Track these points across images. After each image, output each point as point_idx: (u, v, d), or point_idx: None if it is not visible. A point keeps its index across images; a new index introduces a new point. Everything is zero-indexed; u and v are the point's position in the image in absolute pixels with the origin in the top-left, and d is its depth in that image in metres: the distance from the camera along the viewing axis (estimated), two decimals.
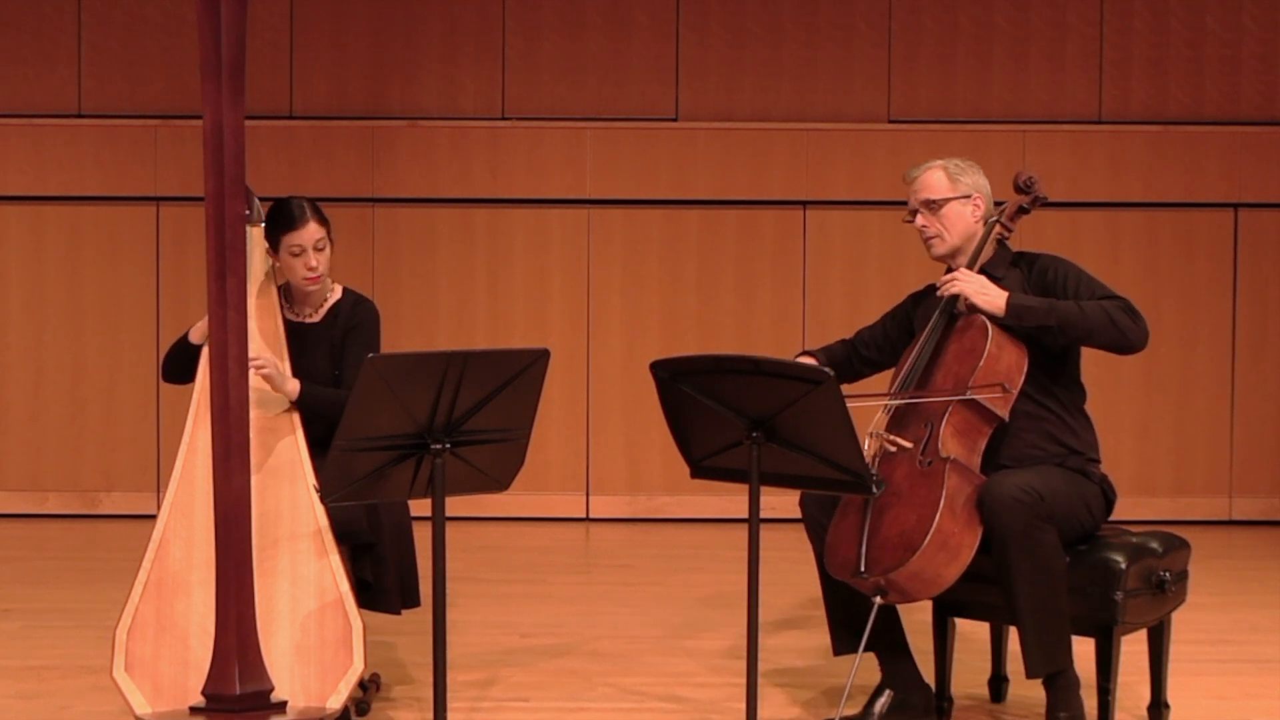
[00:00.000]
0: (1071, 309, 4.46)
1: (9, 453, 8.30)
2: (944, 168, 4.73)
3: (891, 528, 4.31)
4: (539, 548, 7.67)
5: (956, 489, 4.30)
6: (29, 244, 8.28)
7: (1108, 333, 4.46)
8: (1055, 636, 4.34)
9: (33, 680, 5.15)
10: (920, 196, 4.70)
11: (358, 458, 4.13)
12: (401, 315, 7.92)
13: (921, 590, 4.35)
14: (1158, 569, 4.53)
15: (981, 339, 4.47)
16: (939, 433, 4.39)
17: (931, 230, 4.68)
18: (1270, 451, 8.36)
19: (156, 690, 4.11)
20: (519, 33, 8.32)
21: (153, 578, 4.27)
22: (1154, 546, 4.53)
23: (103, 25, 8.28)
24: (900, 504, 4.34)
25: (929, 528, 4.22)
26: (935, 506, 4.25)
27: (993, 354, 4.44)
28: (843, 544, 4.41)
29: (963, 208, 4.67)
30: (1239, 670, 5.41)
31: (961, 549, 4.28)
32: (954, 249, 4.68)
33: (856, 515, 4.39)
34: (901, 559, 4.24)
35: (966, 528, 4.29)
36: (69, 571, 6.94)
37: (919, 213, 4.69)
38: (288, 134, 8.20)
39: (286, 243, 4.79)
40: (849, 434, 4.01)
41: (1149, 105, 8.33)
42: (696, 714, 4.85)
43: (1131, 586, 4.43)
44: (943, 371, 4.51)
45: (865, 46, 8.33)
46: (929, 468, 4.35)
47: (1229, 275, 8.32)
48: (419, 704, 4.87)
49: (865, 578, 4.28)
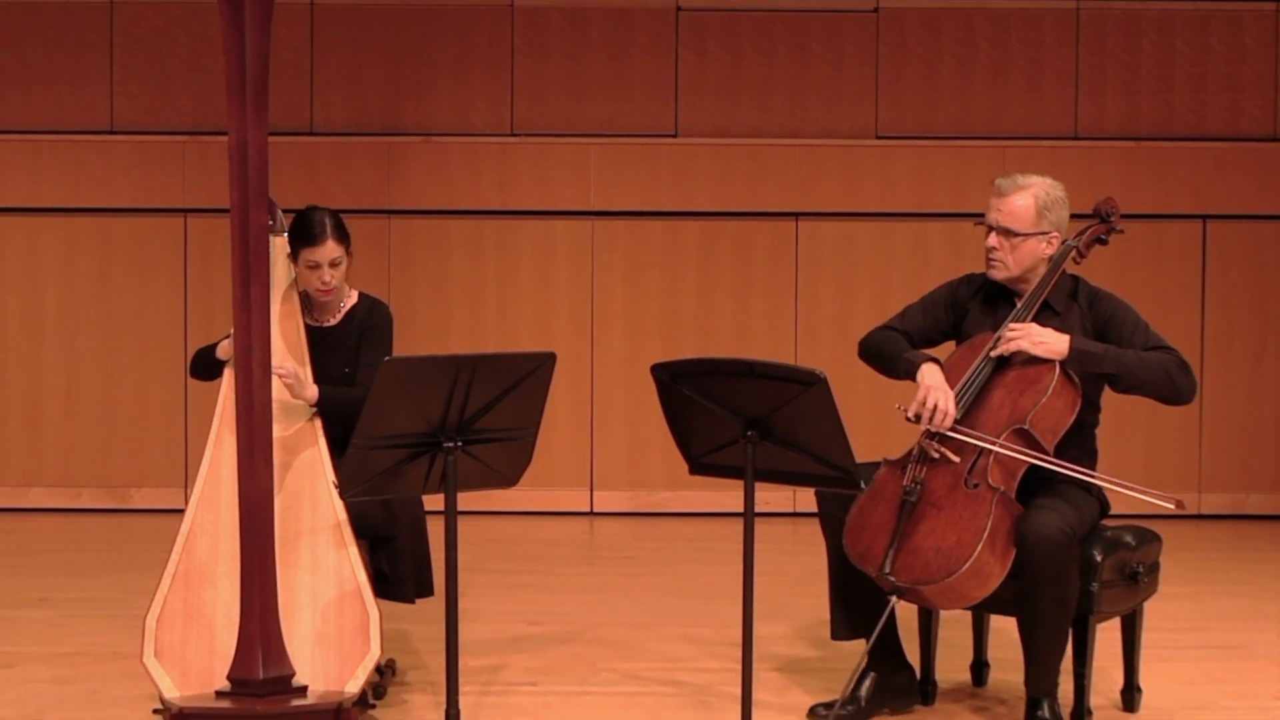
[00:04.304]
0: (1132, 360, 4.34)
1: (45, 451, 8.29)
2: (1037, 198, 4.47)
3: (928, 539, 4.23)
4: (546, 540, 7.67)
5: (1000, 521, 4.20)
6: (64, 253, 8.28)
7: (1162, 387, 4.36)
8: (1059, 659, 4.33)
9: (66, 666, 5.15)
10: (1002, 222, 4.47)
11: (375, 455, 4.12)
12: (416, 320, 7.92)
13: (943, 603, 4.31)
14: (1131, 561, 4.52)
15: (1048, 372, 4.32)
16: (989, 458, 4.28)
17: (998, 256, 4.49)
18: (1236, 449, 8.36)
19: (184, 675, 4.11)
20: (527, 54, 8.32)
21: (181, 569, 4.26)
22: (1127, 540, 4.53)
23: (134, 47, 8.28)
24: (940, 518, 4.24)
25: (970, 555, 4.14)
26: (979, 535, 4.16)
27: (1057, 390, 4.32)
28: (868, 533, 4.32)
29: (1038, 244, 4.48)
30: (1207, 656, 5.41)
31: (992, 577, 4.22)
32: (1012, 279, 4.53)
33: (890, 511, 4.31)
34: (935, 577, 4.17)
35: (1001, 559, 4.21)
36: (101, 563, 6.94)
37: (994, 232, 4.49)
38: (308, 149, 8.20)
39: (304, 256, 4.78)
40: (839, 433, 3.98)
41: (1122, 122, 8.33)
42: (695, 697, 4.85)
43: (1106, 578, 4.43)
44: (1000, 396, 4.37)
45: (854, 67, 8.33)
46: (975, 490, 4.25)
47: (1197, 283, 8.31)
48: (432, 688, 4.86)
49: (889, 579, 4.21)
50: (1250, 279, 8.32)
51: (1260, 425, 8.35)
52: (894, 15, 8.32)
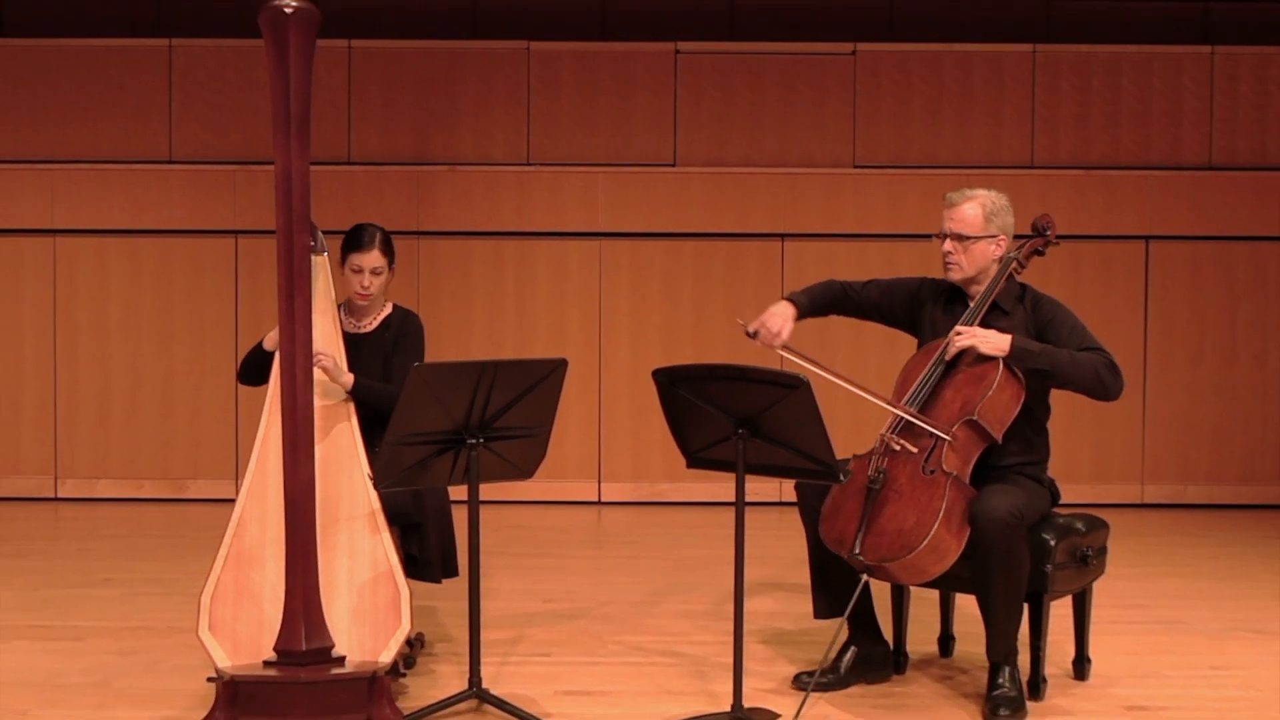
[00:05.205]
0: (1065, 359, 4.36)
1: (111, 447, 8.31)
2: (983, 205, 4.52)
3: (891, 522, 4.23)
4: (558, 527, 7.67)
5: (954, 502, 4.21)
6: (128, 270, 8.29)
7: (1091, 384, 4.37)
8: (1015, 628, 4.33)
9: (130, 639, 5.15)
10: (953, 227, 4.52)
11: (405, 451, 4.13)
12: (442, 330, 7.93)
13: (907, 578, 4.30)
14: (1081, 545, 4.52)
15: (993, 369, 4.35)
16: (944, 447, 4.30)
17: (954, 258, 4.53)
18: (1176, 445, 8.36)
19: (235, 647, 4.11)
20: (542, 92, 8.33)
21: (232, 552, 4.26)
22: (1078, 526, 4.53)
23: (190, 86, 8.29)
24: (901, 502, 4.25)
25: (927, 533, 4.15)
26: (935, 515, 4.17)
27: (1001, 384, 4.34)
28: (840, 519, 4.34)
29: (988, 246, 4.52)
30: (1149, 630, 5.40)
31: (950, 553, 4.22)
32: (968, 278, 4.56)
33: (858, 498, 4.32)
34: (898, 553, 4.17)
35: (957, 536, 4.21)
36: (161, 547, 6.94)
37: (949, 238, 4.53)
38: (346, 177, 8.21)
39: (350, 260, 4.81)
40: (820, 431, 3.98)
41: (1073, 153, 8.33)
42: (692, 666, 4.84)
43: (1059, 560, 4.42)
44: (952, 391, 4.39)
45: (834, 104, 8.33)
46: (931, 476, 4.26)
47: (1141, 296, 8.31)
48: (457, 658, 4.86)
49: (859, 558, 4.23)
50: (1189, 293, 8.33)
51: (1198, 424, 8.35)
52: (870, 58, 8.33)
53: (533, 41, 8.33)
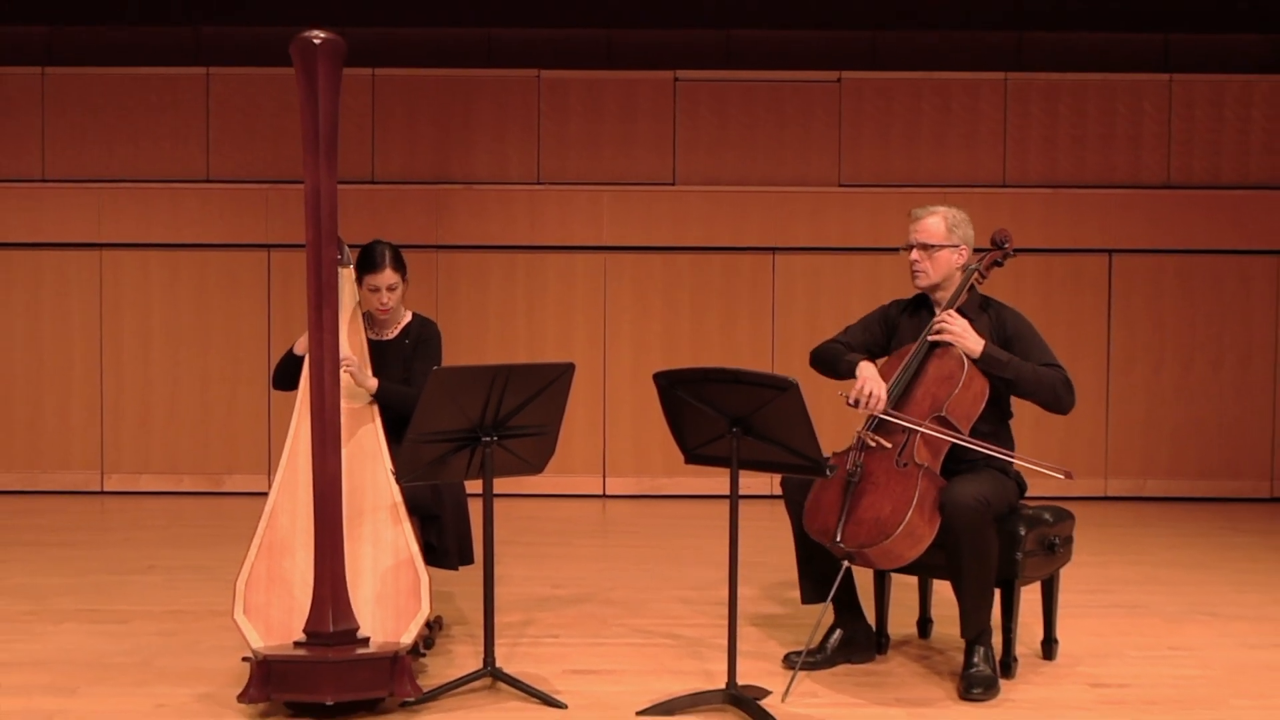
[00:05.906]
0: (1029, 372, 4.41)
1: (153, 444, 8.31)
2: (945, 218, 4.57)
3: (868, 511, 4.25)
4: (566, 518, 7.66)
5: (926, 491, 4.23)
6: (168, 281, 8.29)
7: (1047, 398, 4.43)
8: (986, 608, 4.33)
9: (172, 621, 5.15)
10: (919, 238, 4.55)
11: (425, 448, 4.13)
12: (459, 336, 7.93)
13: (885, 563, 4.30)
14: (1049, 534, 4.52)
15: (959, 369, 4.40)
16: (915, 441, 4.33)
17: (920, 266, 4.55)
18: (1137, 443, 8.35)
19: (268, 629, 4.11)
20: (551, 117, 8.33)
21: (265, 541, 4.26)
22: (1046, 517, 4.53)
23: (226, 111, 8.30)
24: (878, 493, 4.27)
25: (901, 520, 4.16)
26: (909, 504, 4.18)
27: (966, 383, 4.37)
28: (822, 511, 4.35)
29: (951, 254, 4.55)
30: (1113, 614, 5.40)
31: (923, 539, 4.23)
32: (934, 285, 4.58)
33: (838, 491, 4.33)
34: (875, 540, 4.18)
35: (929, 523, 4.23)
36: (200, 536, 6.94)
37: (915, 248, 4.56)
38: (370, 195, 8.21)
39: (366, 281, 4.80)
40: (809, 429, 3.98)
41: (1043, 173, 8.33)
42: (690, 648, 4.84)
43: (1029, 549, 4.42)
44: (923, 390, 4.42)
45: (821, 128, 8.33)
46: (905, 469, 4.28)
47: (1105, 305, 8.31)
48: (472, 640, 4.86)
49: (840, 546, 4.24)
50: (1149, 301, 8.32)
51: (1158, 423, 8.34)
52: (854, 85, 8.33)
53: (543, 70, 8.33)
